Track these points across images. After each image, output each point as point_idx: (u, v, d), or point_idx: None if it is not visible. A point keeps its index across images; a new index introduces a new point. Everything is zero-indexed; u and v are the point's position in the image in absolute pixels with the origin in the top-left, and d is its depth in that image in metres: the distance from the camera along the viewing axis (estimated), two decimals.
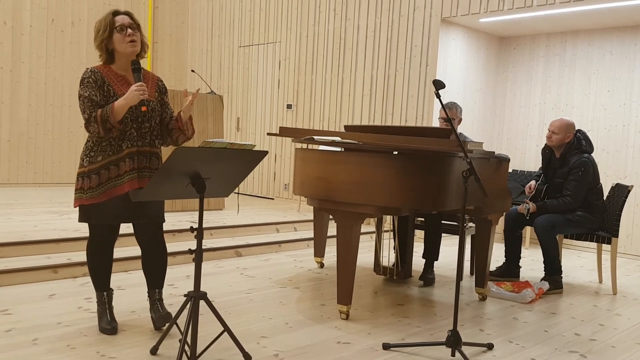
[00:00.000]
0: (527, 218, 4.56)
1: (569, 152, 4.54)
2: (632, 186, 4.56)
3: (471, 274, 4.95)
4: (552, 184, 4.66)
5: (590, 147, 4.58)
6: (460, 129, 5.41)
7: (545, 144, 4.75)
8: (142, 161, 2.94)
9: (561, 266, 4.54)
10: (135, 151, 2.91)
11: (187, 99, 2.95)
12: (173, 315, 2.90)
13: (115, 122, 2.80)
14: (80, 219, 2.97)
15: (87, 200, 2.89)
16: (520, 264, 4.82)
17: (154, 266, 3.11)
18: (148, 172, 2.96)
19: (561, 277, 4.52)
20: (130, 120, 2.89)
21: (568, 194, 4.47)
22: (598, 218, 4.55)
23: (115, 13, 2.92)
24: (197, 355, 2.57)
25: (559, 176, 4.58)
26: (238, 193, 8.19)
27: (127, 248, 4.31)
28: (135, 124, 2.91)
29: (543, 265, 4.55)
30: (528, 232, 6.55)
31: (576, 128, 4.66)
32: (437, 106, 6.16)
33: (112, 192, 2.89)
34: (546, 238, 4.43)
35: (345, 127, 4.04)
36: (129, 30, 2.88)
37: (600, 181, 4.62)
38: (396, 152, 3.44)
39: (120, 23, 2.88)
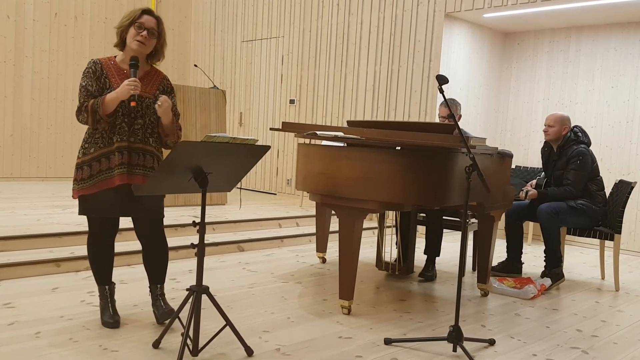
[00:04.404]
0: (526, 200, 4.58)
1: (567, 144, 4.58)
2: (635, 183, 4.56)
3: (473, 269, 4.96)
4: (552, 178, 4.68)
5: (587, 140, 4.61)
6: (461, 125, 5.39)
7: (544, 143, 4.78)
8: (134, 158, 2.92)
9: (562, 256, 4.54)
10: (126, 146, 2.90)
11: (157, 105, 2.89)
12: (175, 310, 2.91)
13: (104, 114, 2.82)
14: (80, 212, 2.99)
15: (80, 191, 2.92)
16: (522, 259, 4.82)
17: (155, 261, 3.11)
18: (142, 170, 2.93)
19: (561, 268, 4.52)
20: (122, 115, 2.89)
21: (568, 182, 4.49)
22: (601, 208, 4.56)
23: (146, 11, 2.95)
24: (199, 349, 2.57)
25: (558, 168, 4.60)
26: (240, 188, 8.19)
27: (129, 242, 4.32)
28: (127, 119, 2.91)
29: (544, 256, 4.55)
30: (530, 228, 6.55)
31: (580, 124, 4.66)
32: (440, 101, 6.15)
33: (102, 184, 2.89)
34: (549, 226, 4.44)
35: (348, 122, 4.03)
36: (145, 32, 2.90)
37: (602, 176, 4.63)
38: (399, 148, 3.44)
39: (141, 21, 2.91)
